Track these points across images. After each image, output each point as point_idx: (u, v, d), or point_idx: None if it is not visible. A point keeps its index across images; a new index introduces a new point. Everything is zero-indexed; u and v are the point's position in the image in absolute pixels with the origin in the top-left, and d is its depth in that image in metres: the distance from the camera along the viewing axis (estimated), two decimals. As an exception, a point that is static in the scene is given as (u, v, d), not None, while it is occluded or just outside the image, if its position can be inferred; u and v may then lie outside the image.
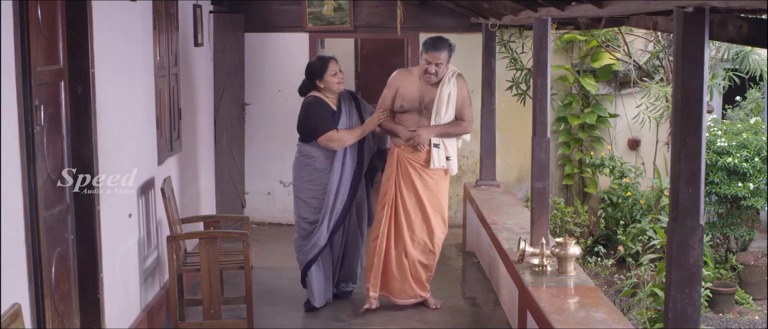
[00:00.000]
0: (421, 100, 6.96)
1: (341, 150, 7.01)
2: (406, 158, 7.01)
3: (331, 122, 6.99)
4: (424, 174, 7.03)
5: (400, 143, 7.02)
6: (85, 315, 5.25)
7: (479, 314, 7.27)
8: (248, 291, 6.53)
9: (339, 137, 6.97)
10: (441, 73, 6.91)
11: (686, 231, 3.67)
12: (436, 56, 6.84)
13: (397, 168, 7.04)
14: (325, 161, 7.03)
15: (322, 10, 10.07)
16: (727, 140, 9.64)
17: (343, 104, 7.13)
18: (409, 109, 6.99)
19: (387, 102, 7.10)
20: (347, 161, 7.05)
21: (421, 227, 7.06)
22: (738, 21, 3.45)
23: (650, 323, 7.08)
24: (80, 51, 5.10)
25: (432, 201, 7.05)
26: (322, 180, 7.05)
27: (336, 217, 7.06)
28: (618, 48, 9.90)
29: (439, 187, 7.11)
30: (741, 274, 9.46)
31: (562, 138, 10.29)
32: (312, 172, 7.06)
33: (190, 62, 8.36)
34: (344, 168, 7.04)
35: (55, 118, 4.81)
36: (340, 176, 7.03)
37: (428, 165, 6.98)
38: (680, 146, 3.61)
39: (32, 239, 4.39)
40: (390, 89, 7.11)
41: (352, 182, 7.09)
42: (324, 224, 7.03)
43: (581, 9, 5.15)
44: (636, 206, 9.55)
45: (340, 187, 7.04)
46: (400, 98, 7.03)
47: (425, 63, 6.89)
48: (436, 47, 6.85)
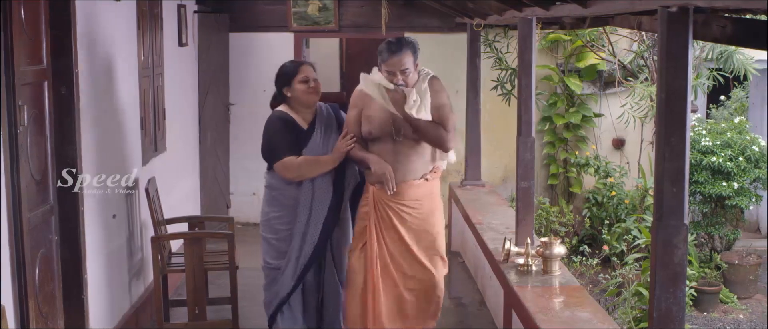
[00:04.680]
0: (394, 122, 5.45)
1: (310, 180, 5.59)
2: (382, 198, 5.51)
3: (294, 144, 5.56)
4: (404, 212, 5.53)
5: (374, 180, 5.51)
6: (70, 316, 5.22)
7: (465, 314, 7.27)
8: (233, 291, 6.51)
9: (296, 166, 5.52)
10: (411, 82, 5.42)
11: (671, 230, 3.68)
12: (398, 62, 5.35)
13: (375, 209, 5.54)
14: (293, 193, 5.63)
15: (307, 10, 10.06)
16: (711, 140, 9.70)
17: (317, 122, 5.69)
18: (380, 134, 5.46)
19: (354, 127, 5.56)
20: (317, 193, 5.60)
21: (414, 271, 5.60)
22: (722, 21, 3.46)
23: (635, 322, 7.10)
24: (64, 51, 5.07)
25: (423, 243, 5.58)
26: (289, 218, 5.66)
27: (304, 261, 5.65)
28: (603, 48, 9.93)
29: (428, 221, 5.61)
30: (725, 273, 9.50)
31: (547, 138, 10.31)
32: (278, 207, 5.68)
33: (174, 62, 8.33)
34: (314, 202, 5.59)
35: (38, 118, 4.79)
36: (310, 213, 5.60)
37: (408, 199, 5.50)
38: (665, 146, 3.62)
39: (16, 240, 4.37)
40: (354, 111, 5.58)
41: (325, 221, 5.63)
42: (288, 270, 5.66)
43: (566, 9, 5.16)
44: (621, 205, 9.59)
45: (308, 226, 5.61)
46: (366, 121, 5.49)
47: (387, 75, 5.40)
48: (394, 51, 5.36)
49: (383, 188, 5.44)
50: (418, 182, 5.54)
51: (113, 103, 6.18)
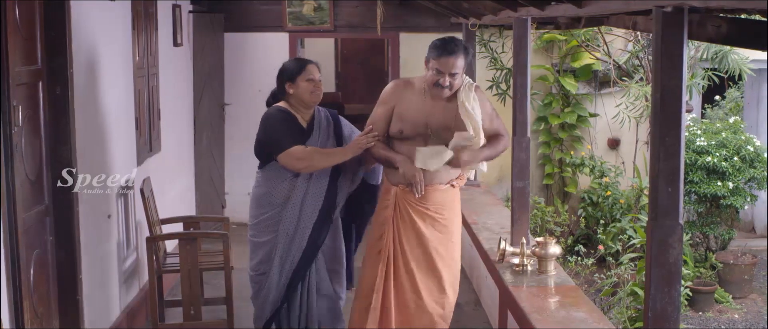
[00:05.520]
0: (428, 123, 5.20)
1: (303, 179, 5.36)
2: (407, 202, 5.24)
3: (298, 137, 5.37)
4: (430, 217, 5.26)
5: (399, 181, 5.24)
6: (65, 316, 5.22)
7: (460, 314, 7.26)
8: (229, 291, 6.51)
9: (307, 155, 5.30)
10: (456, 86, 5.17)
11: (666, 230, 3.68)
12: (451, 63, 5.07)
13: (395, 212, 5.27)
14: (285, 192, 5.40)
15: (302, 10, 10.05)
16: (706, 139, 9.70)
17: (316, 124, 5.49)
18: (412, 135, 5.21)
19: (380, 124, 5.30)
20: (310, 192, 5.38)
21: (430, 289, 5.30)
22: (717, 21, 3.46)
23: (630, 322, 7.10)
24: (58, 51, 5.06)
25: (444, 252, 5.30)
26: (279, 218, 5.42)
27: (291, 267, 5.40)
28: (598, 48, 9.94)
29: (452, 228, 5.37)
30: (721, 273, 9.51)
31: (542, 138, 10.31)
32: (268, 207, 5.42)
33: (169, 62, 8.32)
34: (305, 202, 5.36)
35: (33, 118, 4.79)
36: (300, 213, 5.38)
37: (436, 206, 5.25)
38: (659, 146, 3.62)
39: (11, 240, 4.36)
40: (384, 107, 5.31)
41: (315, 224, 5.40)
42: (273, 271, 5.42)
43: (561, 9, 5.16)
44: (616, 205, 9.59)
45: (297, 227, 5.38)
46: (398, 119, 5.24)
47: (435, 73, 5.10)
48: (450, 51, 5.07)
49: (409, 189, 5.17)
50: (445, 187, 5.30)
51: (108, 103, 6.17)
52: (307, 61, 5.50)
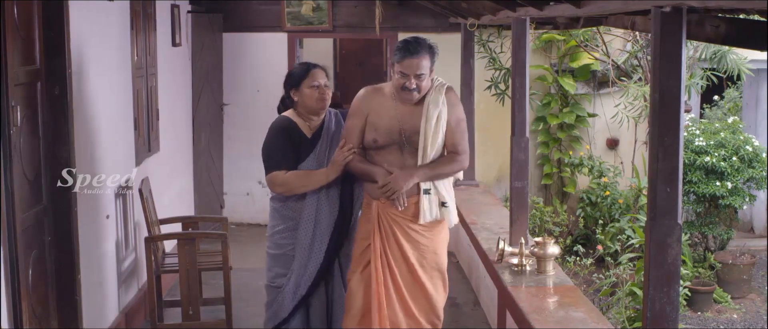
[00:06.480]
0: (402, 129, 4.97)
1: (314, 194, 5.16)
2: (388, 215, 5.01)
3: (289, 155, 5.17)
4: (413, 230, 5.04)
5: (378, 194, 4.99)
6: (63, 316, 5.21)
7: (459, 314, 7.27)
8: (227, 292, 6.50)
9: (282, 181, 5.13)
10: (424, 89, 4.92)
11: (664, 230, 3.68)
12: (415, 65, 4.84)
13: (379, 226, 5.03)
14: (297, 207, 5.23)
15: (301, 10, 10.05)
16: (705, 140, 9.69)
17: (324, 132, 5.27)
18: (386, 143, 4.98)
19: (354, 136, 5.05)
20: (322, 207, 5.19)
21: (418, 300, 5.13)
22: (715, 21, 3.46)
23: (629, 322, 7.10)
24: (57, 51, 5.06)
25: (427, 264, 5.10)
26: (293, 233, 5.25)
27: (308, 282, 5.22)
28: (596, 48, 9.93)
29: (437, 240, 5.15)
30: (719, 273, 9.51)
31: (541, 138, 10.31)
32: (281, 221, 5.29)
33: (167, 62, 8.32)
34: (319, 217, 5.18)
35: (31, 119, 4.78)
36: (314, 227, 5.19)
37: (418, 219, 5.00)
38: (658, 146, 3.62)
39: (9, 240, 4.36)
40: (357, 119, 5.06)
41: (331, 237, 5.22)
42: (288, 288, 5.24)
43: (559, 9, 5.16)
44: (615, 205, 9.59)
45: (313, 241, 5.19)
46: (372, 129, 5.00)
47: (400, 76, 4.87)
48: (413, 52, 4.83)
49: (390, 203, 4.95)
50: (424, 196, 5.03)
51: (106, 103, 6.17)
52: (312, 66, 5.28)
